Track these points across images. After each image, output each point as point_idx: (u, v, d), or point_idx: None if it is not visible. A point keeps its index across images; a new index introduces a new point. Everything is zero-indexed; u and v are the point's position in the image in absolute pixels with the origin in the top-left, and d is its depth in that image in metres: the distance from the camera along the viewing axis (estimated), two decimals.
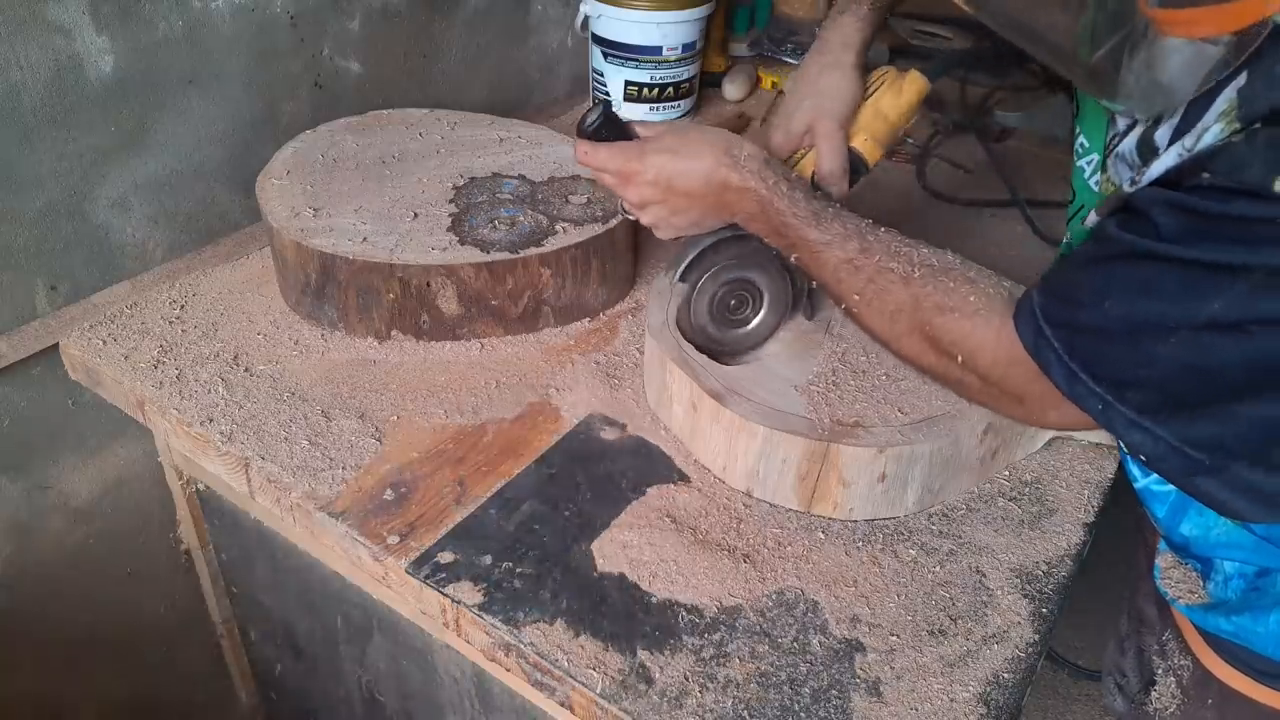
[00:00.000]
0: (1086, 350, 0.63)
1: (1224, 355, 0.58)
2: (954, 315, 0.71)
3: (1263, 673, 0.78)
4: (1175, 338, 0.58)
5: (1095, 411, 0.64)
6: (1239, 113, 0.56)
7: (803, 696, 0.70)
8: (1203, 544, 0.77)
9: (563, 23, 1.51)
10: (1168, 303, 0.59)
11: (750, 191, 0.79)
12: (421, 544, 0.79)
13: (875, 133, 0.92)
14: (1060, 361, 0.64)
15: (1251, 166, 0.54)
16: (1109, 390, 0.63)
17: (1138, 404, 0.62)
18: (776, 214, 0.79)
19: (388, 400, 0.92)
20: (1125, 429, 0.63)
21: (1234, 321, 0.56)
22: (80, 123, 0.96)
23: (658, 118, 1.48)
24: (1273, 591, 0.74)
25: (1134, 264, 0.61)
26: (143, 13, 0.97)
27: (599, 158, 0.83)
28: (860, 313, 0.77)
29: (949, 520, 0.85)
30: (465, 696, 0.92)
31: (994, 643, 0.75)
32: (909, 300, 0.73)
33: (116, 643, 1.18)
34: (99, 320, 0.99)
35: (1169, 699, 0.88)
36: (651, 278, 1.12)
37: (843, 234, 0.77)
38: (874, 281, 0.75)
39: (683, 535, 0.81)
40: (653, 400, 0.94)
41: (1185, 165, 0.59)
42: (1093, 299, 0.63)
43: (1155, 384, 0.61)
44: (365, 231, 0.98)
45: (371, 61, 1.23)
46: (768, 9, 1.74)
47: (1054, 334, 0.65)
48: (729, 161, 0.79)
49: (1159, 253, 0.59)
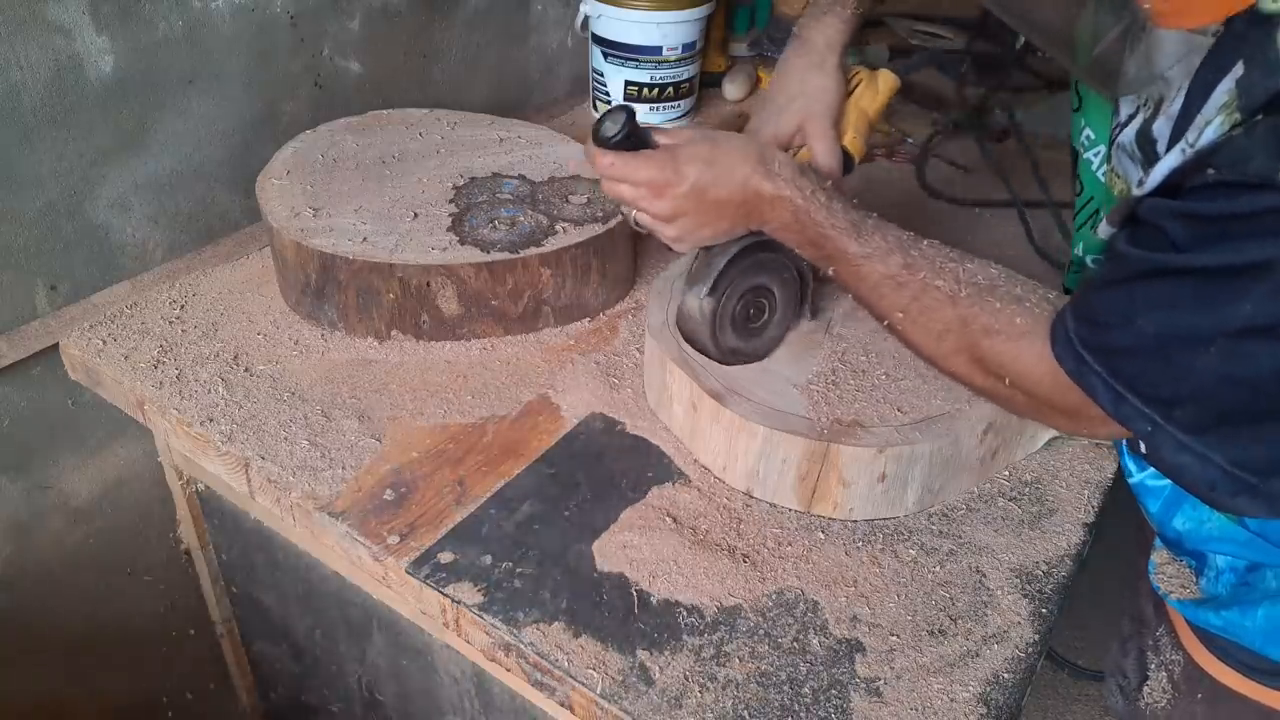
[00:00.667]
0: (1128, 371, 0.62)
1: (1263, 363, 0.56)
2: (1001, 338, 0.70)
3: (1251, 668, 0.78)
4: (1213, 348, 0.57)
5: (1144, 434, 0.63)
6: (1239, 104, 0.55)
7: (803, 696, 0.70)
8: (1195, 538, 0.77)
9: (563, 23, 1.51)
10: (1196, 314, 0.58)
11: (785, 201, 0.77)
12: (421, 544, 0.79)
13: (860, 130, 0.95)
14: (1106, 385, 0.63)
15: (1255, 158, 0.54)
16: (1157, 410, 0.61)
17: (1186, 422, 0.61)
18: (814, 225, 0.76)
19: (388, 400, 0.92)
20: (1173, 451, 0.62)
21: (1268, 325, 0.55)
22: (80, 123, 0.96)
23: (658, 118, 1.48)
24: (1261, 586, 0.74)
25: (1154, 279, 0.60)
26: (143, 13, 0.97)
27: (627, 169, 0.77)
28: (904, 330, 0.75)
29: (949, 520, 0.85)
30: (465, 696, 0.92)
31: (994, 643, 0.75)
32: (956, 321, 0.71)
33: (116, 643, 1.18)
34: (99, 320, 0.99)
35: (1160, 694, 0.88)
36: (651, 278, 1.12)
37: (885, 248, 0.75)
38: (919, 300, 0.73)
39: (683, 535, 0.81)
40: (653, 400, 0.94)
41: (1189, 164, 0.59)
42: (1122, 320, 0.62)
43: (1200, 399, 0.60)
44: (365, 231, 0.98)
45: (371, 61, 1.23)
46: (768, 9, 1.74)
47: (1094, 359, 0.63)
48: (763, 170, 0.77)
49: (1177, 265, 0.58)
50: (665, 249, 1.18)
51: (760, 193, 0.77)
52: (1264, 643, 0.75)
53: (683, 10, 1.39)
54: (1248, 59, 0.55)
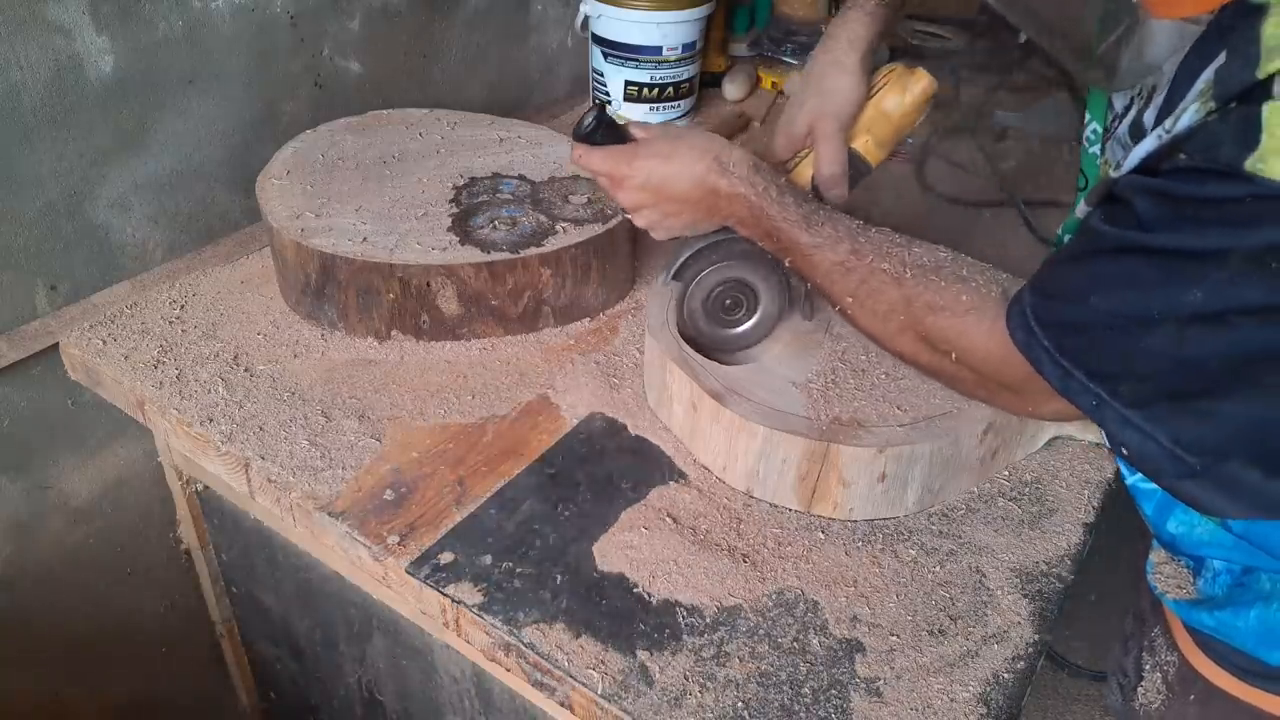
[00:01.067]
0: (1076, 347, 0.64)
1: (1208, 348, 0.57)
2: (945, 314, 0.72)
3: (1243, 669, 0.78)
4: (1161, 330, 0.58)
5: (1089, 408, 0.64)
6: (1214, 92, 0.55)
7: (803, 696, 0.70)
8: (1189, 542, 0.78)
9: (563, 23, 1.51)
10: (1150, 294, 0.59)
11: (740, 197, 0.80)
12: (421, 544, 0.79)
13: (878, 133, 0.91)
14: (1052, 360, 0.64)
15: (1224, 145, 0.54)
16: (1101, 385, 0.63)
17: (1129, 397, 0.62)
18: (767, 219, 0.80)
19: (388, 400, 0.92)
20: (1119, 427, 0.63)
21: (1216, 312, 0.56)
22: (80, 123, 0.96)
23: (658, 118, 1.48)
24: (1255, 588, 0.74)
25: (1117, 256, 0.61)
26: (143, 13, 0.97)
27: (591, 161, 0.85)
28: (854, 314, 0.78)
29: (949, 520, 0.85)
30: (465, 696, 0.92)
31: (994, 643, 0.75)
32: (901, 300, 0.74)
33: (116, 643, 1.18)
34: (99, 320, 0.99)
35: (1154, 694, 0.88)
36: (651, 278, 1.12)
37: (834, 237, 0.78)
38: (866, 283, 0.76)
39: (683, 535, 0.81)
40: (653, 400, 0.94)
41: (1163, 148, 0.59)
42: (1079, 295, 0.63)
43: (1145, 377, 0.61)
44: (365, 231, 0.98)
45: (371, 61, 1.23)
46: (768, 9, 1.74)
47: (1044, 333, 0.65)
48: (717, 168, 0.80)
49: (1140, 243, 0.59)
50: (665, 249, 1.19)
51: (716, 189, 0.81)
52: (1256, 644, 0.75)
53: (683, 10, 1.39)
54: (1230, 49, 0.55)
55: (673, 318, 0.93)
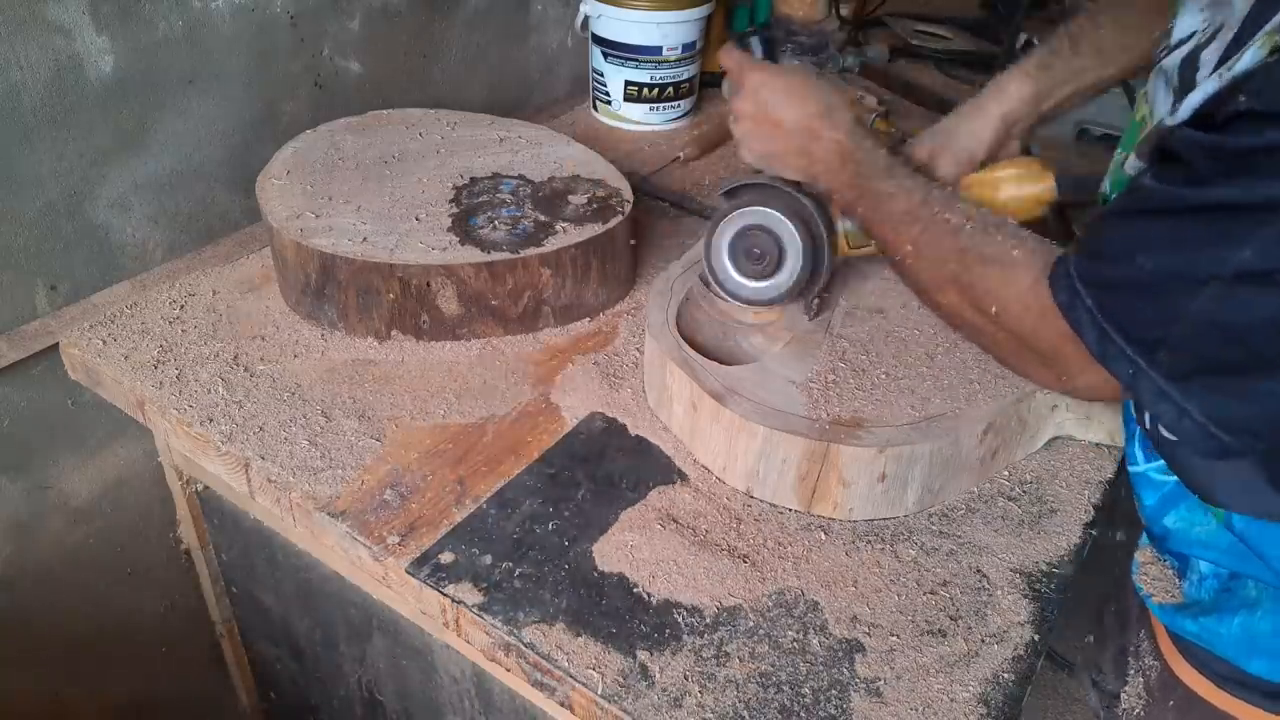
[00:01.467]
0: (1118, 308, 0.61)
1: (1254, 313, 0.55)
2: (994, 266, 0.70)
3: (1223, 677, 0.77)
4: (1207, 291, 0.56)
5: (1125, 376, 0.62)
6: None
7: (803, 696, 0.70)
8: (1182, 539, 0.77)
9: (563, 23, 1.51)
10: (1198, 253, 0.56)
11: (835, 143, 0.83)
12: (421, 544, 0.79)
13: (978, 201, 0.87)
14: (1093, 320, 0.62)
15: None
16: (1140, 352, 0.60)
17: (1168, 367, 0.59)
18: (854, 163, 0.82)
19: (388, 400, 0.92)
20: (1153, 399, 0.61)
21: (1265, 271, 0.53)
22: (80, 123, 0.96)
23: (658, 118, 1.48)
24: (1241, 594, 0.73)
25: (1165, 215, 0.59)
26: (143, 13, 0.97)
27: (731, 57, 0.90)
28: (910, 265, 0.78)
29: (949, 520, 0.85)
30: (465, 696, 0.92)
31: (994, 643, 0.75)
32: (955, 251, 0.73)
33: (116, 643, 1.18)
34: (99, 320, 0.99)
35: (1135, 700, 0.88)
36: (651, 278, 1.12)
37: (909, 187, 0.79)
38: (928, 230, 0.76)
39: (683, 535, 0.81)
40: (653, 400, 0.94)
41: (1223, 89, 0.57)
42: (1125, 254, 0.60)
43: (1186, 344, 0.58)
44: (365, 231, 0.98)
45: (371, 61, 1.23)
46: (768, 9, 1.74)
47: (1087, 292, 0.62)
48: (826, 115, 0.84)
49: (1191, 201, 0.57)
50: (665, 249, 1.19)
51: (816, 133, 0.84)
52: (1237, 652, 0.74)
53: (683, 10, 1.39)
54: None
55: (673, 318, 0.93)
